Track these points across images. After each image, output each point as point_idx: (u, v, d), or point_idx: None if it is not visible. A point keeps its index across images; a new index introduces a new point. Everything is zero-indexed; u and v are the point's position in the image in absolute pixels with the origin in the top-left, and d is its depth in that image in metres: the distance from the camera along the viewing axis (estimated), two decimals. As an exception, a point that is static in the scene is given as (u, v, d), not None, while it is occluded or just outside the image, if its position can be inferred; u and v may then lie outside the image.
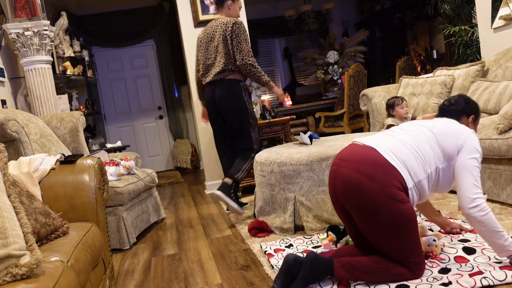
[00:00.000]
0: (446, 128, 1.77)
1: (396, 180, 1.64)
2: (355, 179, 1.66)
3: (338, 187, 1.74)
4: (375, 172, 1.65)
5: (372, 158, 1.69)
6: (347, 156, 1.75)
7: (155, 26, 6.67)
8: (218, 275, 2.18)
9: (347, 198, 1.70)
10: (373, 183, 1.63)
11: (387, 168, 1.66)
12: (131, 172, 3.21)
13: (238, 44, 3.19)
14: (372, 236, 1.71)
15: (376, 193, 1.62)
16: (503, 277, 1.59)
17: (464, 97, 1.94)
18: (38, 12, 3.79)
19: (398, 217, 1.61)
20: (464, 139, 1.71)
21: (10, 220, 1.20)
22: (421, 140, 1.74)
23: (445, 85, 3.55)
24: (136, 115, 7.04)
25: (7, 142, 2.51)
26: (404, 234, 1.64)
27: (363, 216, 1.68)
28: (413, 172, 1.68)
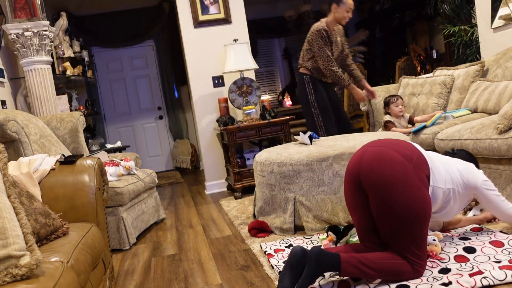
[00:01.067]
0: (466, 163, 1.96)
1: (427, 169, 1.74)
2: (388, 153, 1.72)
3: (364, 165, 1.73)
4: (410, 154, 1.73)
5: (408, 145, 1.79)
6: (378, 141, 1.83)
7: (155, 26, 6.67)
8: (218, 275, 2.18)
9: (374, 174, 1.69)
10: (408, 161, 1.70)
11: (421, 157, 1.75)
12: (131, 173, 3.21)
13: (317, 50, 3.70)
14: (385, 221, 1.70)
15: (408, 170, 1.68)
16: (503, 276, 1.59)
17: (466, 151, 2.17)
18: (37, 12, 3.79)
19: (420, 201, 1.66)
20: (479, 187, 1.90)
21: (10, 221, 1.20)
22: (448, 161, 1.91)
23: (445, 85, 3.56)
24: (136, 116, 7.03)
25: (7, 142, 2.51)
26: (417, 221, 1.67)
27: (385, 194, 1.67)
28: (436, 176, 1.77)
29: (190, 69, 4.52)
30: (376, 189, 1.70)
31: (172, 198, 4.66)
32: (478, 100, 3.16)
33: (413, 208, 1.65)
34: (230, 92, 4.28)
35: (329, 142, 2.79)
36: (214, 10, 4.48)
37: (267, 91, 7.75)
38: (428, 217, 1.70)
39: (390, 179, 1.66)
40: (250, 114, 4.09)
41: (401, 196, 1.65)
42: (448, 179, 1.81)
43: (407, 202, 1.65)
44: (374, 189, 1.70)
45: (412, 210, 1.65)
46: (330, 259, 1.66)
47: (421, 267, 1.70)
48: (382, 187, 1.68)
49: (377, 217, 1.74)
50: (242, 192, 4.01)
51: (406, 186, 1.66)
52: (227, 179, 4.48)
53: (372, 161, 1.72)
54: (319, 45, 3.66)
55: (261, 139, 4.31)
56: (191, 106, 6.29)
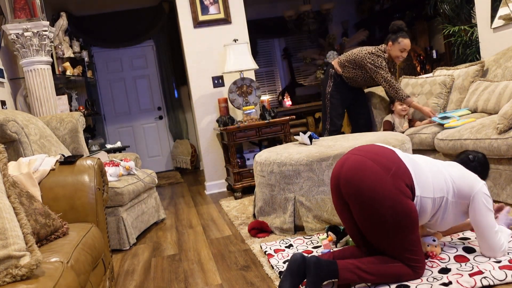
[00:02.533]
0: (464, 171, 1.84)
1: (408, 179, 1.68)
2: (367, 164, 1.68)
3: (343, 174, 1.72)
4: (389, 164, 1.68)
5: (389, 154, 1.73)
6: (361, 148, 1.79)
7: (155, 26, 6.67)
8: (218, 275, 2.18)
9: (352, 185, 1.68)
10: (385, 172, 1.65)
11: (401, 166, 1.69)
12: (130, 173, 3.21)
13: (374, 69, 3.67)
14: (371, 232, 1.69)
15: (386, 181, 1.63)
16: (503, 277, 1.59)
17: (486, 159, 2.01)
18: (37, 12, 3.79)
19: (401, 211, 1.62)
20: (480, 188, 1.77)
21: (10, 221, 1.20)
22: (437, 167, 1.80)
23: (445, 85, 3.56)
24: (135, 116, 7.03)
25: (7, 143, 2.51)
26: (404, 230, 1.64)
27: (365, 206, 1.66)
28: (421, 186, 1.70)
29: (190, 69, 4.52)
30: (355, 200, 1.69)
31: (172, 198, 4.66)
32: (478, 100, 3.16)
33: (394, 218, 1.62)
34: (230, 92, 4.28)
35: (329, 142, 2.79)
36: (214, 10, 4.48)
37: (267, 91, 7.75)
38: (414, 225, 1.65)
39: (367, 191, 1.64)
40: (250, 114, 4.09)
41: (380, 207, 1.62)
42: (437, 187, 1.74)
43: (386, 213, 1.62)
44: (353, 200, 1.70)
45: (393, 220, 1.62)
46: (328, 267, 1.67)
47: (420, 268, 1.69)
48: (360, 199, 1.67)
49: (361, 227, 1.74)
50: (242, 192, 4.01)
51: (384, 196, 1.62)
52: (227, 179, 4.48)
53: (351, 171, 1.70)
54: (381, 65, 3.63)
55: (261, 139, 4.31)
56: (191, 106, 6.29)
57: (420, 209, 1.72)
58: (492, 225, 1.76)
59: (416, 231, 1.67)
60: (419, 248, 1.69)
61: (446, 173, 1.79)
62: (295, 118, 5.84)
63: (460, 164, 1.91)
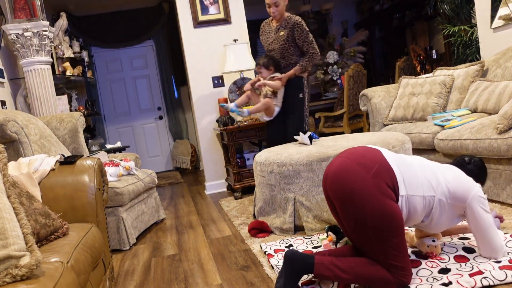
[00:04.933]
0: (460, 174, 1.82)
1: (390, 179, 1.66)
2: (349, 165, 1.69)
3: (329, 177, 1.73)
4: (371, 164, 1.68)
5: (373, 154, 1.73)
6: (348, 151, 1.79)
7: (155, 26, 6.67)
8: (218, 275, 2.18)
9: (335, 186, 1.69)
10: (366, 172, 1.65)
11: (384, 166, 1.68)
12: (130, 173, 3.21)
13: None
14: (355, 234, 1.69)
15: (367, 181, 1.62)
16: (503, 277, 1.59)
17: (483, 163, 1.98)
18: (37, 13, 3.79)
19: (383, 213, 1.59)
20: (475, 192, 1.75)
21: (10, 221, 1.20)
22: (433, 169, 1.79)
23: (445, 85, 3.56)
24: (135, 116, 7.03)
25: (7, 143, 2.51)
26: (387, 233, 1.60)
27: (347, 207, 1.66)
28: (409, 184, 1.68)
29: (190, 69, 4.52)
30: (338, 202, 1.70)
31: (172, 198, 4.66)
32: (478, 100, 3.16)
33: (374, 218, 1.60)
34: (230, 92, 4.28)
35: (328, 142, 2.79)
36: (214, 10, 4.48)
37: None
38: (397, 227, 1.61)
39: (348, 192, 1.65)
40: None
41: (360, 206, 1.62)
42: (427, 186, 1.71)
43: (366, 212, 1.60)
44: (337, 201, 1.71)
45: (374, 220, 1.60)
46: (304, 260, 1.68)
47: (404, 277, 1.62)
48: (342, 199, 1.68)
49: (346, 228, 1.75)
50: (242, 192, 4.01)
51: (363, 196, 1.61)
52: (227, 179, 4.48)
53: (335, 174, 1.71)
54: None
55: (261, 139, 4.31)
56: (191, 106, 6.28)
57: (410, 208, 1.69)
58: (492, 225, 1.75)
59: (401, 235, 1.63)
60: (403, 255, 1.63)
61: (440, 174, 1.77)
62: (295, 118, 5.83)
63: (456, 167, 1.89)
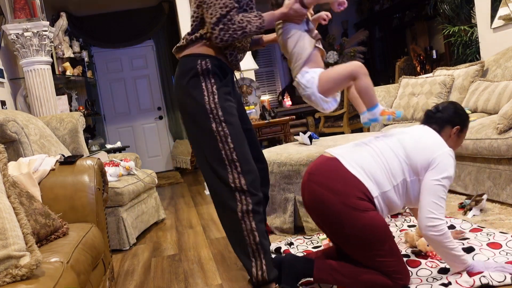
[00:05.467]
0: (417, 143, 1.68)
1: (358, 190, 1.62)
2: (318, 192, 1.67)
3: (305, 201, 1.75)
4: (335, 184, 1.64)
5: (335, 170, 1.67)
6: (313, 170, 1.74)
7: (155, 26, 6.67)
8: (218, 275, 2.18)
9: (314, 212, 1.72)
10: (334, 196, 1.62)
11: (349, 179, 1.64)
12: (130, 173, 3.21)
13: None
14: (346, 249, 1.70)
15: (336, 205, 1.61)
16: (501, 278, 1.59)
17: (454, 104, 1.83)
18: (37, 13, 3.79)
19: (363, 227, 1.58)
20: (436, 157, 1.63)
21: (10, 221, 1.20)
22: (388, 151, 1.68)
23: (445, 85, 3.56)
24: (135, 116, 7.03)
25: (7, 143, 2.51)
26: (374, 244, 1.60)
27: (331, 229, 1.69)
28: (378, 183, 1.64)
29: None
30: (323, 226, 1.74)
31: (172, 198, 4.66)
32: (478, 100, 3.16)
33: (361, 236, 1.59)
34: (230, 92, 4.28)
35: (328, 142, 2.79)
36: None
37: (267, 91, 7.75)
38: (382, 235, 1.60)
39: (328, 220, 1.67)
40: (250, 114, 4.09)
41: (344, 230, 1.62)
42: (394, 173, 1.64)
43: (351, 234, 1.61)
44: (321, 226, 1.75)
45: (361, 237, 1.59)
46: (304, 264, 1.69)
47: (401, 279, 1.61)
48: (325, 225, 1.71)
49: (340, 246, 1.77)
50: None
51: (340, 220, 1.61)
52: (227, 179, 4.47)
53: (310, 203, 1.72)
54: None
55: (261, 139, 4.31)
56: (191, 106, 6.28)
57: (389, 203, 1.67)
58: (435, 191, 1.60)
59: (388, 241, 1.62)
60: (396, 259, 1.62)
61: (399, 152, 1.67)
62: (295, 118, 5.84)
63: (423, 128, 1.76)
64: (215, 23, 1.63)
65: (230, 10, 1.63)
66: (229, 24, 1.63)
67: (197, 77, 1.71)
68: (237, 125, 1.74)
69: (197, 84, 1.71)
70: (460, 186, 2.87)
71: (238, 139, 1.72)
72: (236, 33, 1.65)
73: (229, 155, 1.70)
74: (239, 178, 1.69)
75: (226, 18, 1.63)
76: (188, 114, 1.76)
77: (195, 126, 1.75)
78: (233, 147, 1.70)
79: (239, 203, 1.70)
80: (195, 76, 1.72)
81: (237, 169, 1.70)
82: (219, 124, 1.70)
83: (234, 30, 1.64)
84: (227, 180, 1.70)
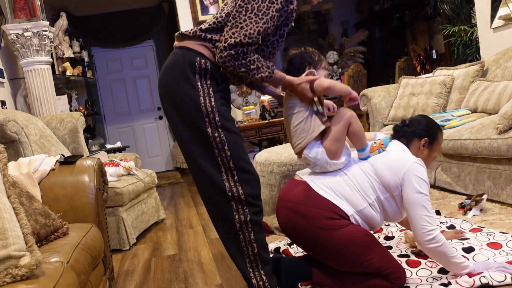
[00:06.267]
0: (384, 161, 1.67)
1: (329, 211, 1.61)
2: (290, 219, 1.68)
3: (281, 226, 1.76)
4: (306, 209, 1.63)
5: (305, 194, 1.67)
6: (284, 196, 1.74)
7: (155, 26, 6.67)
8: (218, 275, 2.18)
9: (290, 236, 1.74)
10: (304, 220, 1.63)
11: (319, 201, 1.63)
12: (130, 173, 3.21)
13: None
14: (335, 267, 1.70)
15: (309, 229, 1.62)
16: (502, 278, 1.59)
17: (424, 117, 1.82)
18: (37, 13, 3.79)
19: (342, 243, 1.59)
20: (406, 171, 1.61)
21: (10, 221, 1.20)
22: (357, 171, 1.68)
23: (445, 85, 3.56)
24: (135, 116, 7.03)
25: (7, 143, 2.51)
26: (360, 255, 1.60)
27: (312, 251, 1.71)
28: (351, 202, 1.64)
29: (190, 69, 4.52)
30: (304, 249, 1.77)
31: (172, 198, 4.66)
32: (478, 100, 3.16)
33: (343, 252, 1.59)
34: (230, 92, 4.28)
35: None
36: (214, 10, 4.48)
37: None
38: (365, 245, 1.60)
39: (306, 245, 1.70)
40: (250, 114, 4.09)
41: (324, 251, 1.63)
42: (367, 193, 1.65)
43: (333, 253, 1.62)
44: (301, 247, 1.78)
45: (344, 253, 1.60)
46: (302, 268, 1.72)
47: (397, 279, 1.62)
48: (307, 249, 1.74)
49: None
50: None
51: (319, 241, 1.61)
52: (227, 179, 4.47)
53: (285, 230, 1.74)
54: None
55: (261, 139, 4.31)
56: (191, 106, 6.28)
57: (367, 220, 1.67)
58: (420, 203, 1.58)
59: (373, 247, 1.61)
60: (387, 261, 1.62)
61: (368, 170, 1.68)
62: (295, 118, 5.84)
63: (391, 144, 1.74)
64: (229, 46, 1.54)
65: (251, 44, 1.54)
66: (240, 56, 1.54)
67: (193, 73, 1.59)
68: (235, 130, 1.64)
69: (192, 81, 1.59)
70: (460, 186, 2.87)
71: (235, 146, 1.61)
72: (240, 68, 1.56)
73: (226, 162, 1.60)
74: (236, 187, 1.60)
75: (241, 49, 1.54)
76: (179, 111, 1.61)
77: (187, 128, 1.61)
78: (230, 155, 1.59)
79: (236, 213, 1.61)
80: (191, 71, 1.59)
81: (234, 178, 1.60)
82: (216, 130, 1.58)
83: (240, 64, 1.56)
84: (224, 189, 1.61)
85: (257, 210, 1.64)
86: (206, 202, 1.69)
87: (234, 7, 1.58)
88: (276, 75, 1.65)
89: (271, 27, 1.58)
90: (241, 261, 1.66)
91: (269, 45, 1.67)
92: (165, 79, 1.66)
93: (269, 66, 1.62)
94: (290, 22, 1.68)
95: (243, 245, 1.63)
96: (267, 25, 1.55)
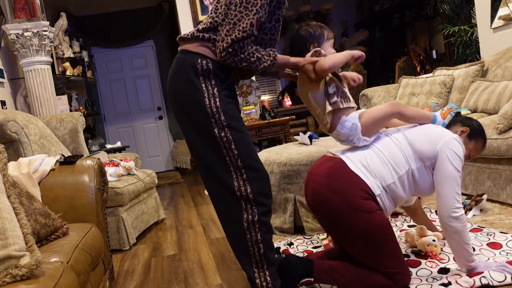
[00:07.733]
0: (421, 130, 1.69)
1: (360, 189, 1.61)
2: (321, 193, 1.67)
3: (308, 201, 1.76)
4: (337, 185, 1.63)
5: (337, 169, 1.67)
6: (316, 170, 1.74)
7: (155, 26, 6.67)
8: (218, 275, 2.18)
9: (317, 212, 1.73)
10: (337, 197, 1.62)
11: (351, 178, 1.63)
12: (130, 173, 3.21)
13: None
14: (348, 249, 1.71)
15: (340, 206, 1.61)
16: (502, 278, 1.59)
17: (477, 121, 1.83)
18: (37, 13, 3.79)
19: (367, 228, 1.59)
20: (444, 144, 1.62)
21: (10, 221, 1.20)
22: (389, 143, 1.69)
23: (445, 85, 3.56)
24: (135, 116, 7.04)
25: (7, 143, 2.51)
26: (377, 245, 1.60)
27: (334, 229, 1.70)
28: (380, 177, 1.64)
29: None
30: (326, 226, 1.75)
31: (172, 198, 4.66)
32: (478, 100, 3.16)
33: (364, 237, 1.60)
34: (230, 92, 4.28)
35: (328, 142, 2.79)
36: (214, 10, 4.49)
37: (267, 91, 7.75)
38: (386, 234, 1.60)
39: (331, 221, 1.68)
40: (250, 114, 4.10)
41: (347, 231, 1.63)
42: (398, 165, 1.64)
43: (354, 235, 1.61)
44: (324, 226, 1.76)
45: (365, 238, 1.60)
46: (303, 265, 1.70)
47: (401, 280, 1.62)
48: (329, 225, 1.72)
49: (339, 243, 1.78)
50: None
51: (343, 222, 1.62)
52: (227, 179, 4.47)
53: (313, 204, 1.73)
54: None
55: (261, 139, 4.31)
56: (191, 106, 6.28)
57: (393, 196, 1.67)
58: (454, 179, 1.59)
59: (391, 242, 1.62)
60: (398, 260, 1.62)
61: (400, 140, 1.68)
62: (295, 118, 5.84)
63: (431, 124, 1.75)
64: (226, 45, 1.55)
65: (246, 37, 1.54)
66: (238, 51, 1.54)
67: (196, 76, 1.61)
68: (241, 129, 1.63)
69: (197, 84, 1.60)
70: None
71: (243, 144, 1.61)
72: (241, 62, 1.56)
73: (234, 161, 1.60)
74: (244, 185, 1.60)
75: (238, 44, 1.54)
76: (186, 114, 1.65)
77: (194, 130, 1.64)
78: (237, 154, 1.60)
79: (245, 212, 1.61)
80: (194, 74, 1.61)
81: (242, 176, 1.60)
82: (222, 130, 1.59)
83: (240, 59, 1.56)
84: (232, 188, 1.61)
85: (265, 210, 1.63)
86: (214, 201, 1.70)
87: (225, 4, 1.59)
88: (279, 60, 1.64)
89: (264, 15, 1.58)
90: (246, 261, 1.65)
91: (267, 32, 1.66)
92: (172, 86, 1.70)
93: (270, 54, 1.61)
94: (283, 4, 1.66)
95: (249, 245, 1.63)
96: (258, 15, 1.55)
